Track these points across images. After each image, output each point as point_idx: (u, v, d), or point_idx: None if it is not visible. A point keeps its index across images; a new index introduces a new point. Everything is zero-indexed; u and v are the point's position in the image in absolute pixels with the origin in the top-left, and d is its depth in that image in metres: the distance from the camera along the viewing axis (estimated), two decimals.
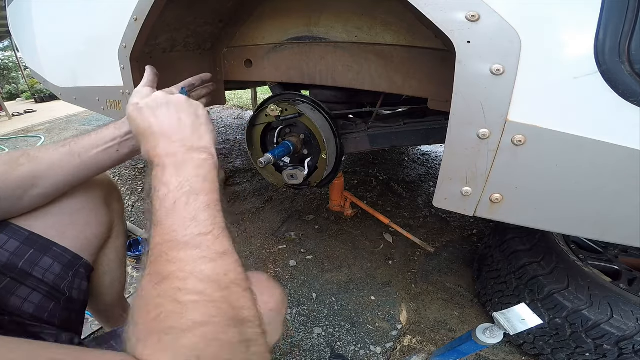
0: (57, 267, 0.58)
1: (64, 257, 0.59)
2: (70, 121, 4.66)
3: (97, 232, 0.66)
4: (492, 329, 0.73)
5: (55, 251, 0.58)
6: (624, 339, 0.77)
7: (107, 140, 0.56)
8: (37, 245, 0.56)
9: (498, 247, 1.10)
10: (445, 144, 0.57)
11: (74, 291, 0.61)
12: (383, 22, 0.86)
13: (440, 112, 1.06)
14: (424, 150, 2.66)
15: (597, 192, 0.51)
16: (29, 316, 0.54)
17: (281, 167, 1.14)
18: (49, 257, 0.57)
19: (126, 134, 0.57)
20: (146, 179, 0.42)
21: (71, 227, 0.61)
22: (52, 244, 0.58)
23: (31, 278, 0.55)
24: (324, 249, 1.54)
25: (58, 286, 0.58)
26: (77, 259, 0.62)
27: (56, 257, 0.58)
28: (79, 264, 0.62)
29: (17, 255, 0.54)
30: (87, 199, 0.64)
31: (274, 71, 1.13)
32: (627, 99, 0.44)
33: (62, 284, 0.59)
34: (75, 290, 0.62)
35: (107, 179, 0.73)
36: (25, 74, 9.17)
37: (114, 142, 0.56)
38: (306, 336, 1.11)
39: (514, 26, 0.46)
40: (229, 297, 0.33)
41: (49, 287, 0.57)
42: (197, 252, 0.34)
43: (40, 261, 0.56)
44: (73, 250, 0.61)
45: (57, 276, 0.58)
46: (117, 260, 0.76)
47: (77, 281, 0.62)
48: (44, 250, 0.57)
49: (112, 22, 1.00)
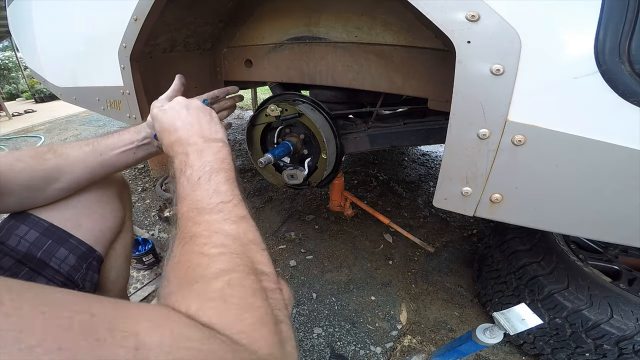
0: (72, 258, 0.60)
1: (79, 249, 0.61)
2: (70, 121, 4.67)
3: (111, 225, 0.69)
4: (492, 329, 0.73)
5: (71, 243, 0.61)
6: (624, 339, 0.77)
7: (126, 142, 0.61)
8: (55, 237, 0.59)
9: (498, 247, 1.10)
10: (445, 144, 0.57)
11: (87, 283, 0.63)
12: (383, 22, 0.86)
13: (440, 112, 1.06)
14: (424, 150, 2.66)
15: (597, 192, 0.51)
16: None
17: (281, 167, 1.14)
18: (65, 248, 0.60)
19: (144, 139, 0.62)
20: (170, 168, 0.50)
21: (87, 219, 0.64)
22: (69, 235, 0.61)
23: (48, 268, 0.58)
24: (324, 249, 1.54)
25: (72, 277, 0.60)
26: (92, 251, 0.64)
27: (72, 248, 0.60)
28: (93, 257, 0.64)
29: (36, 245, 0.57)
30: (103, 192, 0.67)
31: (274, 71, 1.13)
32: (627, 99, 0.44)
33: (76, 276, 0.61)
34: (88, 282, 0.63)
35: (120, 176, 0.76)
36: (25, 74, 9.17)
37: (132, 145, 0.61)
38: (306, 336, 1.11)
39: (514, 26, 0.46)
40: (248, 252, 0.38)
41: (64, 277, 0.59)
42: (221, 216, 0.40)
43: (57, 252, 0.59)
44: (88, 243, 0.63)
45: (72, 267, 0.60)
46: (124, 256, 0.78)
47: (89, 273, 0.64)
48: (61, 242, 0.59)
49: (112, 22, 1.00)
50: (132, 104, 1.09)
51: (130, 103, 1.10)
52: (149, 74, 1.07)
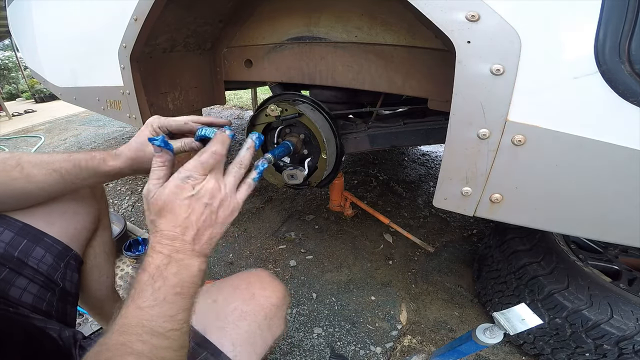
0: (49, 257, 0.59)
1: (55, 248, 0.60)
2: (70, 121, 4.66)
3: (85, 223, 0.67)
4: (492, 329, 0.73)
5: (46, 242, 0.59)
6: (624, 339, 0.77)
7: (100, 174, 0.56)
8: (30, 236, 0.57)
9: (498, 247, 1.10)
10: (445, 144, 0.57)
11: (67, 282, 0.62)
12: (383, 22, 0.86)
13: (440, 112, 1.07)
14: (424, 150, 2.66)
15: (597, 192, 0.51)
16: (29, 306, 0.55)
17: (281, 167, 1.14)
18: (41, 247, 0.58)
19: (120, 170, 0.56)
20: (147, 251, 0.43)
21: (60, 217, 0.62)
22: (43, 234, 0.59)
23: (27, 268, 0.56)
24: (324, 249, 1.54)
25: (52, 276, 0.59)
26: (67, 250, 0.62)
27: (47, 247, 0.59)
28: (69, 255, 0.63)
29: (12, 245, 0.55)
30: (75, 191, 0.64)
31: (274, 71, 1.13)
32: (627, 99, 0.44)
33: (55, 275, 0.60)
34: (68, 282, 0.62)
35: None
36: (25, 74, 9.16)
37: (105, 177, 0.57)
38: (306, 336, 1.11)
39: (514, 26, 0.46)
40: None
41: (44, 277, 0.58)
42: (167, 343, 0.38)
43: (33, 251, 0.57)
44: (63, 241, 0.61)
45: (50, 266, 0.59)
46: (104, 254, 0.76)
47: (68, 272, 0.62)
48: (36, 241, 0.58)
49: (112, 22, 1.00)
50: (132, 104, 1.09)
51: (130, 103, 1.10)
52: (149, 74, 1.07)
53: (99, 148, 3.06)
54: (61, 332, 0.54)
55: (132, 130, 3.52)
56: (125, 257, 1.43)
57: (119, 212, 1.82)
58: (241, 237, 1.65)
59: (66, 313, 0.62)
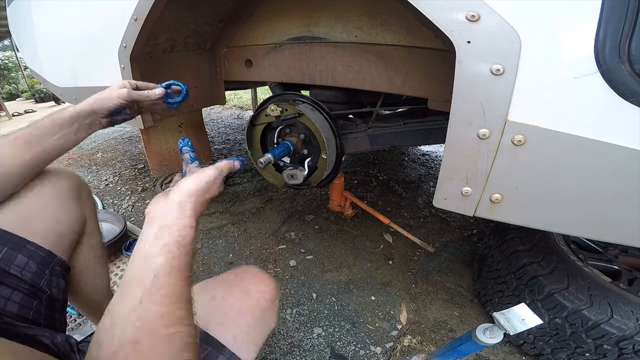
0: (33, 264, 0.57)
1: (38, 255, 0.58)
2: None
3: (69, 228, 0.65)
4: (492, 329, 0.73)
5: (28, 249, 0.57)
6: (624, 339, 0.77)
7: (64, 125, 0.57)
8: (10, 243, 0.56)
9: (498, 247, 1.10)
10: (445, 144, 0.57)
11: (54, 289, 0.60)
12: (383, 22, 0.86)
13: (440, 112, 1.07)
14: (424, 150, 2.66)
15: (597, 192, 0.51)
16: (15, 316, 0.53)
17: (281, 167, 1.14)
18: (23, 254, 0.56)
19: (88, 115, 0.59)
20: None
21: (40, 222, 0.60)
22: (24, 241, 0.57)
23: (10, 276, 0.55)
24: (324, 249, 1.54)
25: (37, 284, 0.57)
26: (51, 256, 0.61)
27: (30, 254, 0.57)
28: (54, 262, 0.61)
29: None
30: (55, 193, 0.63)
31: (274, 71, 1.13)
32: (627, 99, 0.44)
33: (41, 282, 0.58)
34: (55, 288, 0.61)
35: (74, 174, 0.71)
36: (25, 74, 9.16)
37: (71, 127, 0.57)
38: (306, 336, 1.11)
39: (514, 26, 0.46)
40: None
41: (29, 285, 0.56)
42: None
43: (15, 259, 0.56)
44: (46, 247, 0.60)
45: (35, 274, 0.57)
46: (94, 258, 0.75)
47: (54, 279, 0.61)
48: (18, 248, 0.56)
49: (112, 22, 1.00)
50: None
51: None
52: (149, 74, 1.07)
53: (98, 148, 3.06)
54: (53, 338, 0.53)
55: (132, 130, 3.52)
56: (125, 257, 1.43)
57: (119, 212, 1.82)
58: (241, 237, 1.65)
59: (55, 319, 0.60)
